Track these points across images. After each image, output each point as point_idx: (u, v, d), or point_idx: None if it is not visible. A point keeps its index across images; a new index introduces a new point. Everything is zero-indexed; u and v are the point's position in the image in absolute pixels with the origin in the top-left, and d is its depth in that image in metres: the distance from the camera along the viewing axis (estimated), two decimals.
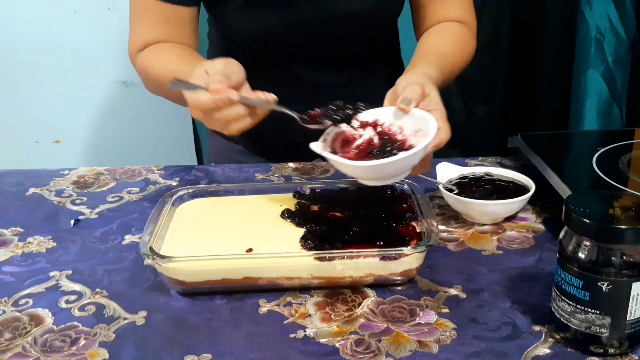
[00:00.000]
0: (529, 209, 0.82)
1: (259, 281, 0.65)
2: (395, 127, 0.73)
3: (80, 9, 1.54)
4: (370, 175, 0.71)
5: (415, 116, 0.72)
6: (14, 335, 0.61)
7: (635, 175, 0.78)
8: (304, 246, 0.67)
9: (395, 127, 0.73)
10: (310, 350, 0.57)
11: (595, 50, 1.38)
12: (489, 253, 0.73)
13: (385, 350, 0.57)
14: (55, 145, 1.69)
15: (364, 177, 0.71)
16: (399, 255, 0.64)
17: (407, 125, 0.73)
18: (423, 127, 0.70)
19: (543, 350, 0.57)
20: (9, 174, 1.00)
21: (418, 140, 0.70)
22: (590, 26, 1.36)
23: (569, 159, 0.90)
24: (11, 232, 0.81)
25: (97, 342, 0.59)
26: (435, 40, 0.95)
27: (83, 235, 0.79)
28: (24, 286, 0.69)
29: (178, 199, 0.78)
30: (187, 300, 0.65)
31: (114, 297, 0.66)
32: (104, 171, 0.99)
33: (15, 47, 1.57)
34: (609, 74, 1.39)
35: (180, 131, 1.68)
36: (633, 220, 0.52)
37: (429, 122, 0.70)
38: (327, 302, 0.64)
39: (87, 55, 1.58)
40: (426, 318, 0.61)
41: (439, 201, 0.84)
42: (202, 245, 0.70)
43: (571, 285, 0.54)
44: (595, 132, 1.31)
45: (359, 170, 0.69)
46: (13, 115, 1.64)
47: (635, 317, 0.53)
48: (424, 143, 0.67)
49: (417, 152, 0.67)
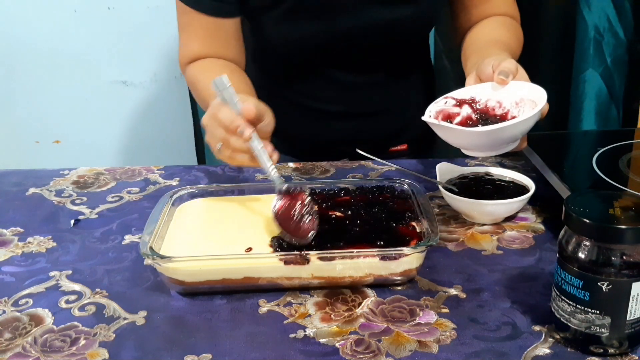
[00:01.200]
0: (529, 209, 0.82)
1: (259, 281, 0.65)
2: (492, 102, 0.75)
3: (80, 9, 1.54)
4: (485, 142, 0.71)
5: (513, 88, 0.74)
6: (14, 335, 0.61)
7: (635, 175, 0.78)
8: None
9: (493, 102, 0.75)
10: (310, 350, 0.57)
11: (594, 51, 1.38)
12: (489, 253, 0.73)
13: (385, 350, 0.57)
14: (55, 145, 1.69)
15: (476, 144, 0.72)
16: (399, 255, 0.64)
17: (506, 99, 0.75)
18: (526, 96, 0.73)
19: (543, 350, 0.57)
20: (9, 174, 1.00)
21: (522, 110, 0.71)
22: (589, 26, 1.37)
23: (569, 159, 0.90)
24: (11, 232, 0.81)
25: (97, 342, 0.59)
26: (494, 31, 0.96)
27: (83, 235, 0.79)
28: (24, 286, 0.69)
29: (178, 199, 0.78)
30: (187, 300, 0.65)
31: (114, 297, 0.66)
32: (104, 171, 0.99)
33: (15, 47, 1.57)
34: (608, 74, 1.39)
35: (181, 131, 1.68)
36: (633, 220, 0.52)
37: (534, 89, 0.72)
38: (327, 302, 0.64)
39: (87, 55, 1.59)
40: (426, 318, 0.61)
41: (439, 201, 0.85)
42: (202, 245, 0.70)
43: (571, 285, 0.54)
44: (595, 132, 1.31)
45: (476, 136, 0.70)
46: (13, 115, 1.65)
47: (635, 317, 0.53)
48: (539, 106, 0.69)
49: (533, 115, 0.68)
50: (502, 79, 0.74)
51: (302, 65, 1.00)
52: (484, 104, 0.76)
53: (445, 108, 0.77)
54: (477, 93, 0.77)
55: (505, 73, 0.75)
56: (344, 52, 0.97)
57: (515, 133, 0.71)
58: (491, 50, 0.85)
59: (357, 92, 1.02)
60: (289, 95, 1.03)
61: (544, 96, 0.70)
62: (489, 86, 0.76)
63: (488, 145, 0.72)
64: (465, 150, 0.75)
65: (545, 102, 0.70)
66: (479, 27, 0.97)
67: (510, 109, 0.74)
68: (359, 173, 0.96)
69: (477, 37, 0.95)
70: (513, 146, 0.73)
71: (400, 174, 0.85)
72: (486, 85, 0.77)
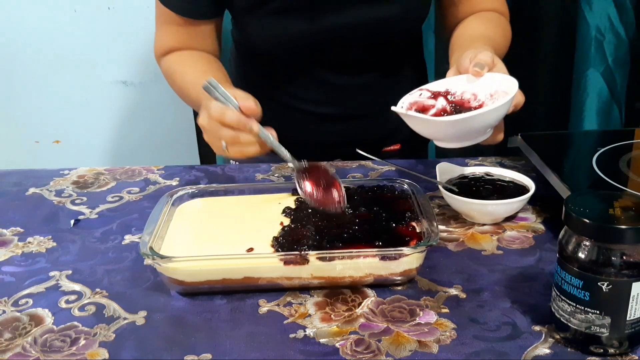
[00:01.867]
0: (529, 209, 0.82)
1: (259, 281, 0.65)
2: (467, 94, 0.75)
3: (80, 9, 1.54)
4: (454, 132, 0.71)
5: (489, 80, 0.74)
6: (14, 335, 0.61)
7: (635, 175, 0.78)
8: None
9: (468, 95, 0.75)
10: (310, 350, 0.57)
11: (595, 50, 1.38)
12: (489, 253, 0.73)
13: (385, 350, 0.57)
14: (55, 145, 1.69)
15: (446, 134, 0.73)
16: (399, 255, 0.64)
17: (481, 91, 0.75)
18: (500, 88, 0.72)
19: (543, 350, 0.57)
20: (9, 174, 1.00)
21: (496, 102, 0.71)
22: (590, 26, 1.37)
23: (569, 159, 0.90)
24: (11, 232, 0.81)
25: (97, 342, 0.59)
26: (480, 26, 0.96)
27: (83, 235, 0.79)
28: (24, 286, 0.69)
29: (178, 199, 0.78)
30: (187, 300, 0.65)
31: (114, 297, 0.66)
32: (104, 171, 0.99)
33: (15, 47, 1.56)
34: (609, 73, 1.39)
35: (181, 131, 1.68)
36: (633, 220, 0.52)
37: (507, 80, 0.72)
38: (327, 302, 0.64)
39: (87, 55, 1.58)
40: (426, 318, 0.61)
41: (439, 201, 0.84)
42: (202, 245, 0.70)
43: (571, 285, 0.54)
44: (595, 132, 1.32)
45: (444, 125, 0.70)
46: (13, 115, 1.64)
47: (635, 317, 0.53)
48: (509, 96, 0.69)
49: (503, 105, 0.68)
50: (477, 70, 0.74)
51: (290, 65, 1.00)
52: (459, 96, 0.76)
53: (420, 100, 0.77)
54: (452, 85, 0.77)
55: (481, 65, 0.74)
56: (332, 51, 0.97)
57: (484, 123, 0.70)
58: (475, 45, 0.84)
59: (348, 94, 1.02)
60: (278, 97, 1.03)
61: (515, 87, 0.70)
62: (465, 78, 0.77)
63: (459, 135, 0.72)
64: (437, 142, 0.76)
65: (517, 92, 0.70)
66: (466, 22, 0.98)
67: (485, 101, 0.74)
68: (359, 173, 0.96)
69: (463, 32, 0.95)
70: (485, 137, 0.73)
71: (400, 174, 0.85)
72: (462, 78, 0.77)
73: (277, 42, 0.95)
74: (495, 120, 0.71)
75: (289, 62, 0.99)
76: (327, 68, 0.99)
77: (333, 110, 0.87)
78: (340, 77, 1.00)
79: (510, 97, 0.69)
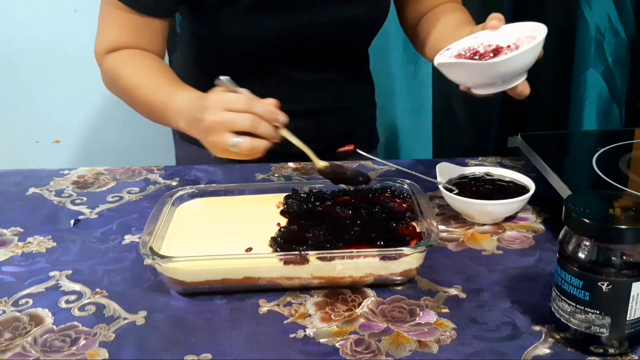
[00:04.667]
0: (529, 209, 0.82)
1: (259, 281, 0.65)
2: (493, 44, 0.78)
3: (80, 9, 1.54)
4: (501, 73, 0.74)
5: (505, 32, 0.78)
6: (14, 335, 0.61)
7: (635, 175, 0.78)
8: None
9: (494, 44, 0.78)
10: (310, 350, 0.57)
11: (595, 50, 1.38)
12: (489, 253, 0.73)
13: (385, 350, 0.57)
14: (55, 145, 1.69)
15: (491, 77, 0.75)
16: (399, 255, 0.64)
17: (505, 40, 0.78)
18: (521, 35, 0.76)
19: (543, 350, 0.57)
20: (9, 174, 1.00)
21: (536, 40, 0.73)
22: (590, 26, 1.37)
23: (569, 159, 0.90)
24: (11, 232, 0.81)
25: (97, 342, 0.59)
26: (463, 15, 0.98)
27: (83, 235, 0.79)
28: (24, 286, 0.69)
29: (178, 199, 0.78)
30: (187, 300, 0.65)
31: (114, 297, 0.66)
32: (104, 171, 0.99)
33: (15, 47, 1.57)
34: (609, 73, 1.39)
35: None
36: (633, 220, 0.52)
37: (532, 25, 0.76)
38: (327, 302, 0.64)
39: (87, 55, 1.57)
40: (426, 318, 0.61)
41: (439, 201, 0.84)
42: (202, 245, 0.70)
43: (571, 285, 0.54)
44: (595, 132, 1.32)
45: (493, 67, 0.73)
46: (13, 115, 1.64)
47: (635, 317, 0.53)
48: (541, 37, 0.72)
49: (537, 44, 0.72)
50: (494, 23, 0.78)
51: (257, 63, 0.99)
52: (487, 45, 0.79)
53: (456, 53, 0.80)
54: (471, 43, 0.80)
55: (498, 17, 0.78)
56: (301, 49, 0.98)
57: (527, 61, 0.74)
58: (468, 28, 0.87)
59: (309, 90, 1.03)
60: None
61: (542, 27, 0.74)
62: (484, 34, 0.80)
63: (505, 76, 0.75)
64: (476, 90, 0.79)
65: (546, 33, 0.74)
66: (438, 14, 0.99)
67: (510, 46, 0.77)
68: None
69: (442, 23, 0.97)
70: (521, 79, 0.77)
71: (400, 174, 0.85)
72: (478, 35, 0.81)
73: (246, 39, 0.94)
74: (534, 57, 0.74)
75: (256, 59, 0.99)
76: (290, 64, 1.00)
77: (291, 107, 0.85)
78: (302, 73, 1.01)
79: (543, 37, 0.72)
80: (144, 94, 0.89)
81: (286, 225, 0.72)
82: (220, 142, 0.75)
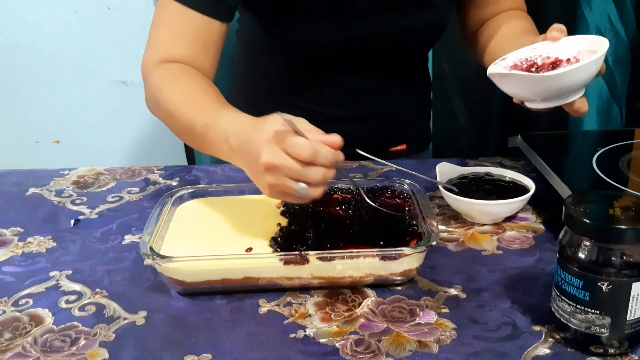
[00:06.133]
0: (529, 209, 0.82)
1: (259, 281, 0.65)
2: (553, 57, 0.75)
3: (80, 9, 1.54)
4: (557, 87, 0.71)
5: (566, 44, 0.75)
6: (14, 335, 0.61)
7: (635, 175, 0.78)
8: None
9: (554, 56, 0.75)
10: (310, 350, 0.57)
11: None
12: (489, 253, 0.73)
13: (385, 350, 0.57)
14: (55, 145, 1.69)
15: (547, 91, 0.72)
16: (399, 255, 0.64)
17: (564, 53, 0.75)
18: (582, 48, 0.73)
19: (543, 350, 0.57)
20: (9, 174, 1.00)
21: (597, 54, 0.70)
22: (590, 26, 1.36)
23: (569, 159, 0.90)
24: (11, 232, 0.81)
25: (97, 342, 0.59)
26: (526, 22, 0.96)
27: (83, 235, 0.79)
28: (24, 286, 0.69)
29: (178, 199, 0.78)
30: (187, 300, 0.65)
31: (114, 297, 0.66)
32: (104, 171, 0.99)
33: (15, 47, 1.56)
34: (609, 73, 1.39)
35: None
36: (633, 220, 0.52)
37: (594, 39, 0.73)
38: (327, 302, 0.64)
39: (87, 55, 1.58)
40: (426, 318, 0.61)
41: (439, 201, 0.85)
42: (202, 245, 0.70)
43: (571, 285, 0.54)
44: (595, 132, 1.31)
45: (549, 80, 0.70)
46: (13, 115, 1.64)
47: (635, 317, 0.53)
48: (602, 51, 0.69)
49: (598, 58, 0.69)
50: (556, 35, 0.75)
51: (314, 70, 0.99)
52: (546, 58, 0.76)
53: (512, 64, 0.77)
54: (534, 52, 0.77)
55: (560, 28, 0.75)
56: (357, 57, 0.97)
57: (586, 75, 0.71)
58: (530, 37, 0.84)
59: (361, 97, 1.03)
60: (292, 100, 1.03)
61: (604, 42, 0.71)
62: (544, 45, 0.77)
63: (560, 91, 0.72)
64: (530, 104, 0.76)
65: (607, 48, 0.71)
66: (500, 21, 0.97)
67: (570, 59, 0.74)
68: (359, 173, 0.96)
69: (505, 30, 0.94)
70: (579, 95, 0.73)
71: (400, 174, 0.85)
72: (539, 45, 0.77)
73: (306, 46, 0.94)
74: (594, 72, 0.71)
75: (313, 67, 0.99)
76: (345, 72, 0.99)
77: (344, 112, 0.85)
78: (355, 80, 1.01)
79: (604, 51, 0.69)
80: (183, 112, 0.78)
81: (286, 225, 0.72)
82: (284, 186, 0.64)
